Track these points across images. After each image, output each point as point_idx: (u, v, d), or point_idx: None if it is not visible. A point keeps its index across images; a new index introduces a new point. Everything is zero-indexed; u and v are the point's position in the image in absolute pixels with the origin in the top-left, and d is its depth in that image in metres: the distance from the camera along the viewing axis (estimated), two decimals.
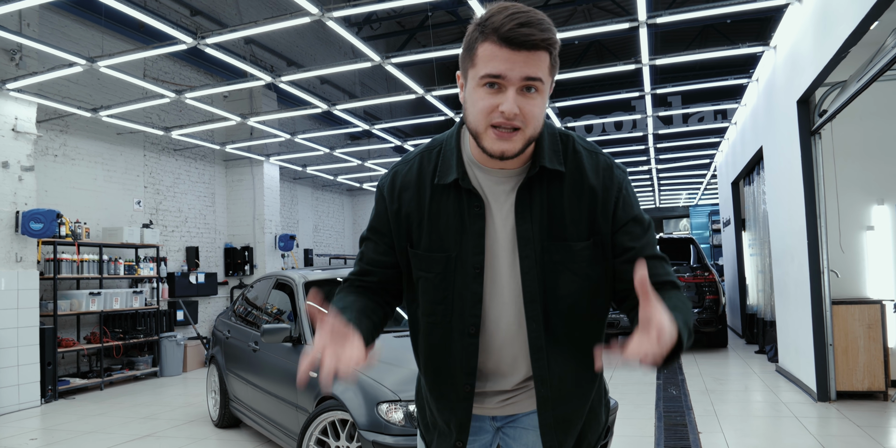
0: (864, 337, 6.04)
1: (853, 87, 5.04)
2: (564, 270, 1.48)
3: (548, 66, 1.35)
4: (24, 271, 7.49)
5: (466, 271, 1.50)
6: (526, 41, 1.29)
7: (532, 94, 1.34)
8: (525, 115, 1.34)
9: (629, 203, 1.50)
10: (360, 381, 3.71)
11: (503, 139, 1.35)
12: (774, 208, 7.66)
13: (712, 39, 18.72)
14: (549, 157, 1.46)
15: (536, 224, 1.47)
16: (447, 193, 1.51)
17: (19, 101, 7.49)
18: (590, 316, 1.53)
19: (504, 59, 1.30)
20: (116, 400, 7.81)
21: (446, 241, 1.51)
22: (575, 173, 1.48)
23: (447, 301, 1.53)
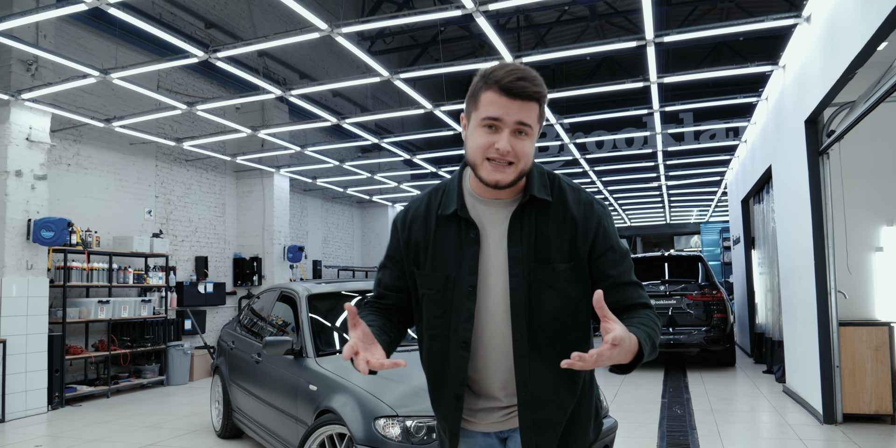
0: (872, 359, 5.98)
1: (861, 108, 5.04)
2: (548, 288, 1.69)
3: (537, 114, 1.63)
4: (35, 279, 7.56)
5: (462, 290, 1.71)
6: (522, 92, 1.57)
7: (522, 136, 1.61)
8: (517, 153, 1.60)
9: (608, 234, 1.72)
10: (357, 395, 3.72)
11: (498, 171, 1.61)
12: (783, 227, 7.62)
13: (725, 56, 18.74)
14: (538, 188, 1.71)
15: (525, 247, 1.69)
16: (449, 223, 1.75)
17: (34, 110, 7.59)
18: (570, 330, 1.72)
19: (502, 105, 1.58)
20: (122, 408, 7.84)
21: (446, 264, 1.74)
22: (559, 205, 1.72)
23: (445, 316, 1.74)
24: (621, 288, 1.71)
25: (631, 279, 1.73)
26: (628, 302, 1.70)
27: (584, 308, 1.73)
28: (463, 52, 19.47)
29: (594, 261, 1.71)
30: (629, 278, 1.73)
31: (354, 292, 5.41)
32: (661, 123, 9.69)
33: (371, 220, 18.06)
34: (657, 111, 8.49)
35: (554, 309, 1.69)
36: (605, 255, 1.71)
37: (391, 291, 1.88)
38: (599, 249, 1.71)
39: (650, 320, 1.64)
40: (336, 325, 5.02)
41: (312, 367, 4.35)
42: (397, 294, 1.88)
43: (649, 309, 1.71)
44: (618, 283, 1.71)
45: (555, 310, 1.69)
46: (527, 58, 6.23)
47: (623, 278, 1.72)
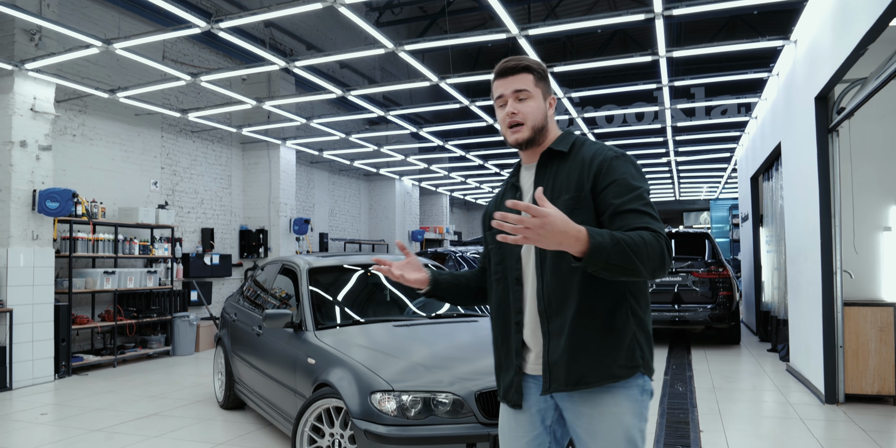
0: (876, 340, 5.95)
1: (872, 85, 4.93)
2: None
3: (531, 81, 2.06)
4: (40, 249, 7.60)
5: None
6: (509, 68, 2.07)
7: (524, 100, 2.06)
8: (523, 113, 2.05)
9: (613, 170, 1.95)
10: (355, 369, 3.72)
11: (515, 132, 2.07)
12: (790, 206, 7.54)
13: (740, 31, 18.41)
14: (556, 143, 2.10)
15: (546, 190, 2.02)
16: (508, 191, 2.22)
17: (38, 81, 7.56)
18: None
19: (501, 84, 2.08)
20: (128, 377, 7.93)
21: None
22: (577, 155, 2.05)
23: (503, 262, 2.16)
24: (622, 215, 1.88)
25: (635, 207, 1.88)
26: (628, 227, 1.84)
27: None
28: (472, 24, 19.21)
29: (599, 194, 1.95)
30: (633, 206, 1.88)
31: (357, 266, 5.40)
32: (672, 98, 9.55)
33: (378, 193, 18.03)
34: (666, 86, 8.36)
35: None
36: (608, 187, 1.94)
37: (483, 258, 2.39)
38: (603, 182, 1.95)
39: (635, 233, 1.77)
40: (338, 299, 5.02)
41: (311, 340, 4.36)
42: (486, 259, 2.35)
43: (651, 232, 1.79)
44: (619, 210, 1.88)
45: None
46: (532, 30, 6.11)
47: (624, 206, 1.89)
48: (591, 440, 1.99)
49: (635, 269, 1.73)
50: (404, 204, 18.31)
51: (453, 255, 11.41)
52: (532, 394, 2.11)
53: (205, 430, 5.45)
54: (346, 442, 3.70)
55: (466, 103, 9.07)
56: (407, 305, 5.21)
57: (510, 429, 2.16)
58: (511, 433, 2.16)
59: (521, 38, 6.37)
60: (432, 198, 22.05)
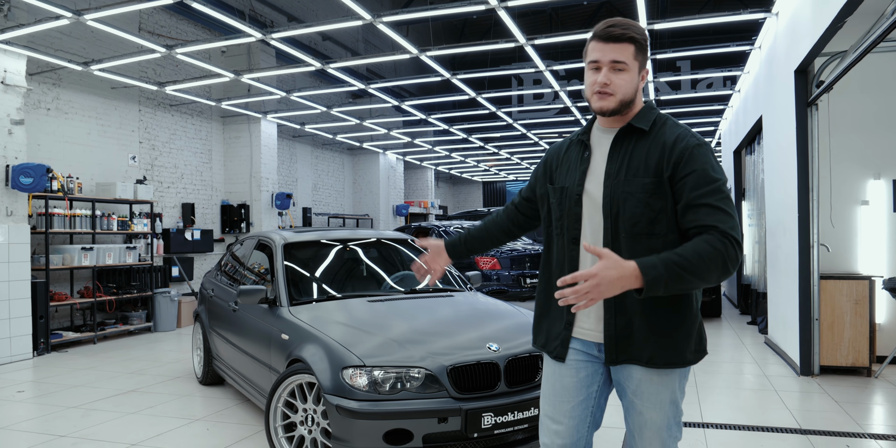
0: (851, 312, 6.00)
1: (850, 58, 4.89)
2: (631, 197, 2.03)
3: (632, 52, 2.01)
4: (15, 225, 7.50)
5: (572, 198, 2.16)
6: (612, 35, 2.00)
7: (619, 72, 2.02)
8: (615, 86, 2.02)
9: (694, 160, 1.97)
10: (327, 345, 3.71)
11: (602, 99, 2.04)
12: (770, 180, 7.55)
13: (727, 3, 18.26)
14: (638, 119, 2.09)
15: (619, 164, 2.07)
16: (575, 147, 2.24)
17: (8, 53, 7.38)
18: (647, 236, 2.01)
19: (599, 49, 2.02)
20: (108, 354, 7.90)
21: (566, 177, 2.21)
22: (658, 134, 2.06)
23: (562, 219, 2.19)
24: (695, 209, 1.93)
25: (709, 202, 1.92)
26: (698, 223, 1.91)
27: (664, 220, 2.00)
28: None
29: (677, 182, 1.97)
30: (707, 200, 1.92)
31: (335, 241, 5.36)
32: (657, 71, 9.47)
33: (362, 168, 17.92)
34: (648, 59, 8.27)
35: (634, 215, 2.01)
36: (686, 177, 1.96)
37: (527, 200, 2.48)
38: (683, 171, 1.97)
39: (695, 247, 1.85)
40: (314, 275, 4.99)
41: (285, 316, 4.34)
42: (526, 202, 2.49)
43: (720, 235, 1.87)
44: (692, 204, 1.93)
45: (635, 216, 2.01)
46: (511, 2, 6.01)
47: (700, 200, 1.93)
48: (638, 400, 2.10)
49: (697, 285, 1.85)
50: (388, 178, 18.23)
51: (437, 229, 11.40)
52: (577, 355, 2.17)
53: (182, 407, 5.44)
54: (319, 417, 3.69)
55: (448, 76, 8.96)
56: (384, 280, 5.20)
57: (555, 392, 2.21)
58: (557, 397, 2.20)
59: (501, 9, 6.27)
60: (417, 172, 21.95)
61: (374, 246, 5.57)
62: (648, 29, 6.98)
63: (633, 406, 2.13)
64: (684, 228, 1.96)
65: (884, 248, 6.47)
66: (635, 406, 2.12)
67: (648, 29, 6.98)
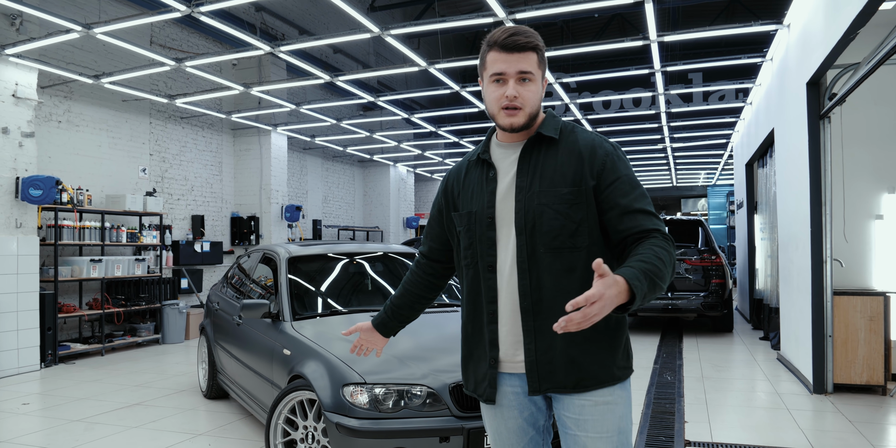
0: (865, 329, 5.88)
1: (863, 70, 4.82)
2: (548, 210, 1.89)
3: (536, 62, 1.89)
4: (24, 237, 7.52)
5: (482, 222, 2.00)
6: (516, 45, 1.86)
7: (526, 83, 1.89)
8: (523, 98, 1.88)
9: (616, 166, 1.89)
10: (328, 361, 3.65)
11: (511, 115, 1.89)
12: (783, 193, 7.45)
13: (739, 15, 18.19)
14: (546, 128, 1.96)
15: (530, 176, 1.93)
16: (475, 168, 2.08)
17: (20, 66, 7.44)
18: (570, 250, 1.89)
19: (503, 60, 1.87)
20: (115, 366, 7.88)
21: (471, 201, 2.04)
22: (568, 143, 1.94)
23: (473, 246, 2.02)
24: (631, 215, 1.84)
25: (642, 207, 1.86)
26: (639, 229, 1.83)
27: (586, 231, 1.88)
28: (469, 8, 18.96)
29: (603, 190, 1.87)
30: (640, 206, 1.86)
31: (342, 254, 5.32)
32: (668, 83, 9.42)
33: (372, 180, 17.91)
34: (658, 71, 8.23)
35: (553, 229, 1.88)
36: (613, 184, 1.88)
37: (436, 242, 2.27)
38: (607, 179, 1.88)
39: (654, 253, 1.73)
40: (319, 289, 4.95)
41: (288, 331, 4.29)
42: (439, 245, 2.26)
43: (662, 237, 1.80)
44: (627, 210, 1.85)
45: (554, 230, 1.88)
46: (520, 14, 5.99)
47: (633, 205, 1.86)
48: (581, 432, 1.91)
49: (660, 292, 1.72)
50: (399, 190, 18.21)
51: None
52: (509, 391, 2.01)
53: (186, 421, 5.40)
54: (320, 435, 3.64)
55: (457, 89, 8.95)
56: (389, 293, 5.14)
57: (502, 438, 2.07)
58: (504, 443, 2.07)
59: (509, 22, 6.24)
60: (428, 184, 21.94)
61: (380, 260, 5.52)
62: (658, 41, 6.93)
63: (576, 441, 1.92)
64: (622, 236, 1.85)
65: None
66: (578, 441, 1.91)
67: (658, 41, 6.93)
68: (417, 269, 2.35)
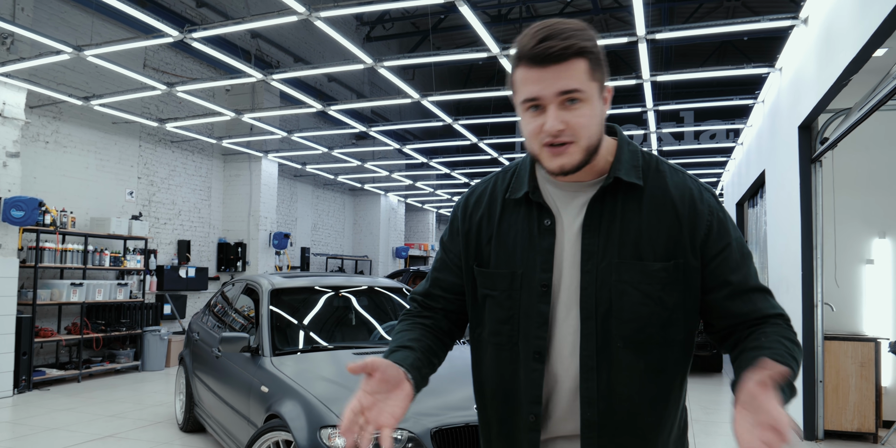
0: (857, 375, 5.80)
1: (855, 116, 4.82)
2: (633, 291, 1.37)
3: (585, 71, 1.28)
4: (3, 259, 7.37)
5: (533, 289, 1.43)
6: (549, 55, 1.25)
7: (575, 105, 1.28)
8: (573, 128, 1.28)
9: (725, 228, 1.41)
10: (306, 401, 3.53)
11: (558, 155, 1.30)
12: (773, 235, 7.43)
13: (730, 56, 18.45)
14: (626, 169, 1.39)
15: (604, 238, 1.39)
16: (518, 209, 1.47)
17: (8, 86, 7.37)
18: (659, 345, 1.40)
19: (535, 79, 1.27)
20: (91, 394, 7.68)
21: (513, 258, 1.45)
22: (656, 190, 1.40)
23: (513, 321, 1.45)
24: (747, 296, 1.38)
25: (757, 284, 1.41)
26: (759, 313, 1.38)
27: (682, 320, 1.40)
28: (465, 41, 19.16)
29: (708, 263, 1.39)
30: (755, 283, 1.40)
31: (327, 288, 5.21)
32: (660, 122, 9.48)
33: (363, 209, 17.85)
34: (651, 109, 8.26)
35: (640, 317, 1.37)
36: (721, 254, 1.39)
37: (446, 292, 1.59)
38: (714, 248, 1.39)
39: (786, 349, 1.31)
40: (301, 323, 4.83)
41: (267, 367, 4.17)
42: (453, 296, 1.59)
43: (783, 321, 1.39)
44: (741, 289, 1.38)
45: (641, 318, 1.38)
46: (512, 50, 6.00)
47: (748, 283, 1.39)
48: None
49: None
50: (389, 220, 18.15)
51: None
52: None
53: None
54: None
55: (449, 121, 8.94)
56: (375, 329, 5.03)
57: None
58: None
59: (503, 57, 6.25)
60: (418, 214, 21.89)
61: (366, 294, 5.42)
62: (651, 80, 6.96)
63: None
64: (732, 322, 1.40)
65: (889, 308, 6.30)
66: None
67: (651, 80, 6.96)
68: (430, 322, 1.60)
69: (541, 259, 1.42)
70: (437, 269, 1.62)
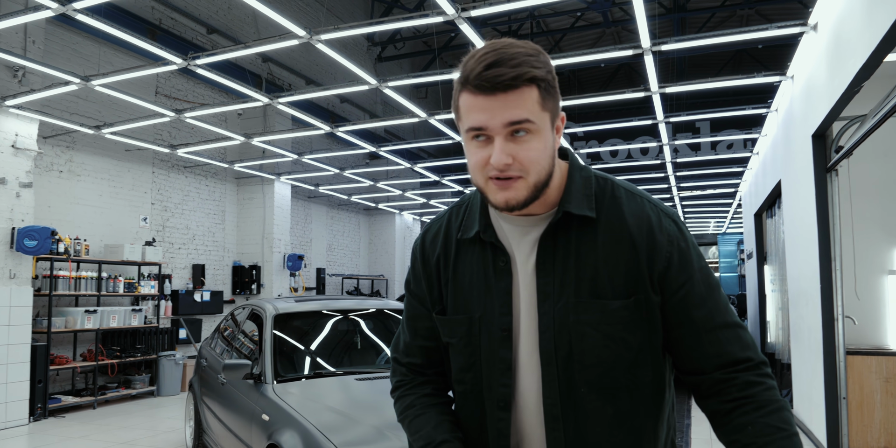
0: (882, 391, 5.60)
1: (870, 123, 4.68)
2: (594, 332, 1.27)
3: (536, 101, 1.17)
4: (18, 288, 7.41)
5: (493, 334, 1.33)
6: (498, 83, 1.14)
7: (524, 137, 1.18)
8: (521, 162, 1.18)
9: (686, 260, 1.28)
10: (304, 431, 3.45)
11: (504, 189, 1.20)
12: (791, 247, 7.25)
13: (746, 65, 18.29)
14: (575, 201, 1.28)
15: (560, 277, 1.28)
16: (472, 249, 1.37)
17: (20, 117, 7.45)
18: (628, 390, 1.29)
19: (481, 108, 1.17)
20: (105, 420, 7.66)
21: (470, 302, 1.36)
22: (612, 221, 1.29)
23: (475, 368, 1.36)
24: (713, 335, 1.25)
25: (726, 320, 1.27)
26: (727, 357, 1.25)
27: (649, 361, 1.29)
28: None
29: (669, 298, 1.27)
30: (723, 319, 1.27)
31: (335, 311, 5.14)
32: (673, 133, 9.35)
33: (378, 228, 17.83)
34: (662, 121, 8.15)
35: (603, 361, 1.27)
36: (683, 288, 1.27)
37: (428, 341, 1.47)
38: (675, 282, 1.27)
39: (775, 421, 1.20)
40: (309, 349, 4.77)
41: (269, 394, 4.09)
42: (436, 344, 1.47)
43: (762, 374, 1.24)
44: (706, 327, 1.26)
45: (604, 362, 1.27)
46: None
47: (713, 320, 1.26)
48: None
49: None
50: (404, 238, 18.10)
51: None
52: None
53: None
54: None
55: (458, 139, 8.89)
56: (382, 351, 4.94)
57: None
58: None
59: None
60: None
61: (374, 316, 5.34)
62: (660, 92, 6.86)
63: None
64: (698, 365, 1.27)
65: None
66: None
67: (660, 92, 6.86)
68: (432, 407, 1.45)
69: (499, 302, 1.33)
70: (411, 317, 1.50)
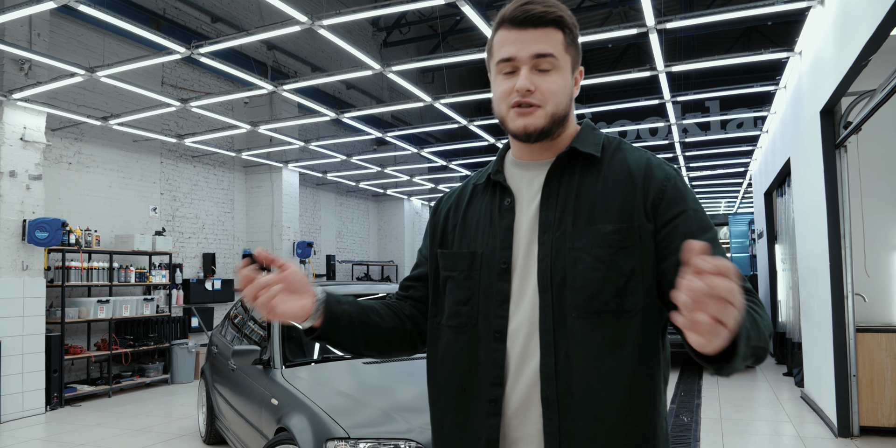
0: (892, 368, 5.58)
1: (878, 98, 4.63)
2: (586, 257, 1.31)
3: (561, 42, 1.33)
4: (30, 279, 7.48)
5: (493, 268, 1.40)
6: (529, 17, 1.30)
7: (547, 71, 1.33)
8: (542, 92, 1.32)
9: (681, 194, 1.34)
10: (313, 414, 3.48)
11: (523, 115, 1.33)
12: (801, 225, 7.20)
13: (756, 42, 18.08)
14: (583, 142, 1.39)
15: (560, 210, 1.36)
16: (483, 195, 1.49)
17: (28, 110, 7.48)
18: (616, 315, 1.30)
19: (513, 40, 1.32)
20: (120, 408, 7.76)
21: (475, 239, 1.45)
22: (614, 162, 1.39)
23: (472, 301, 1.41)
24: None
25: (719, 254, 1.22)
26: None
27: (640, 289, 1.30)
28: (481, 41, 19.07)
29: (661, 228, 1.31)
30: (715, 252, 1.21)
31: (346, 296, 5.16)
32: (681, 113, 9.28)
33: (387, 214, 17.85)
34: (669, 101, 8.08)
35: (592, 283, 1.29)
36: (675, 221, 1.31)
37: (415, 281, 1.60)
38: (668, 213, 1.31)
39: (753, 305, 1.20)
40: None
41: (277, 379, 4.14)
42: (420, 284, 1.59)
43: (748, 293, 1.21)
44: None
45: (593, 285, 1.29)
46: None
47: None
48: None
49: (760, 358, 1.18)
50: (414, 224, 18.12)
51: None
52: None
53: None
54: None
55: (464, 122, 8.86)
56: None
57: None
58: None
59: None
60: None
61: None
62: (666, 71, 6.80)
63: None
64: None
65: None
66: None
67: (666, 71, 6.80)
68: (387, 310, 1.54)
69: (500, 237, 1.41)
70: (413, 268, 1.64)
